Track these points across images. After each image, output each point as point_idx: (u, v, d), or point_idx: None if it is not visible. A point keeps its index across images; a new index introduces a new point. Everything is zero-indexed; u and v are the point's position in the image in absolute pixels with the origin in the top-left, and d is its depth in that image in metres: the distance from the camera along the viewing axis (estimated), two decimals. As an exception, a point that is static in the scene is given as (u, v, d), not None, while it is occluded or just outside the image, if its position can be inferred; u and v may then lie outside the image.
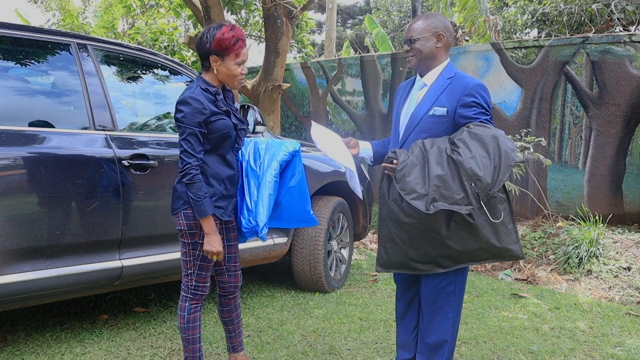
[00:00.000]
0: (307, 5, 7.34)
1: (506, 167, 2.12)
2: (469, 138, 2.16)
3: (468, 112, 2.26)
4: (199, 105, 2.31)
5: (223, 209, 2.47)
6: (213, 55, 2.38)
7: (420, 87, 2.43)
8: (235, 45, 2.35)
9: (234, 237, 2.64)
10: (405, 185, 2.17)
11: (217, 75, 2.42)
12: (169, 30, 8.81)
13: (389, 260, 2.36)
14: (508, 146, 2.15)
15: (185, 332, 2.50)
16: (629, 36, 5.71)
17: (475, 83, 2.30)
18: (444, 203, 2.11)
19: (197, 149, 2.32)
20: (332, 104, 7.95)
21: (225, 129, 2.39)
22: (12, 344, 3.04)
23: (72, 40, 3.06)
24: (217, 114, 2.38)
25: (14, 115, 2.76)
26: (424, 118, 2.33)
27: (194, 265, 2.48)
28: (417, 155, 2.21)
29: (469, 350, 3.20)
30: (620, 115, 5.73)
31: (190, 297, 2.50)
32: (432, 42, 2.34)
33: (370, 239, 6.37)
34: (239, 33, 2.38)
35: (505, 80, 6.33)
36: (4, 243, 2.55)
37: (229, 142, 2.45)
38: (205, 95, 2.37)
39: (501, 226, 2.23)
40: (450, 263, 2.28)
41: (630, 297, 4.35)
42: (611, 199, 5.82)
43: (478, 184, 2.10)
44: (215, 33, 2.36)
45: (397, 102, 2.54)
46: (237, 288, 2.70)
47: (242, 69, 2.42)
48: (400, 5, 18.62)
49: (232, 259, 2.65)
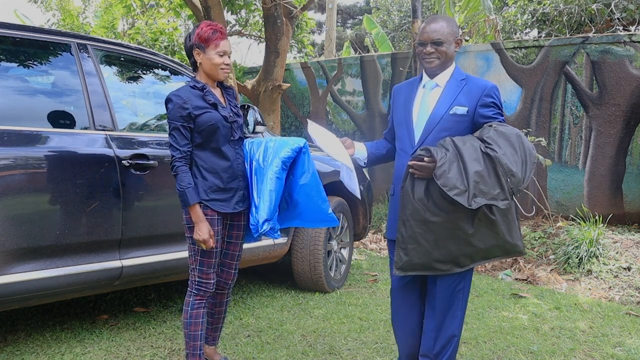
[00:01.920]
0: (307, 5, 7.34)
1: (532, 163, 2.23)
2: (497, 136, 2.23)
3: (488, 112, 2.35)
4: (180, 100, 2.44)
5: (222, 202, 2.51)
6: (195, 49, 2.53)
7: (432, 87, 2.45)
8: (213, 36, 2.50)
9: (235, 235, 2.67)
10: (447, 182, 2.18)
11: (202, 68, 2.54)
12: (169, 30, 8.80)
13: (410, 262, 2.32)
14: (530, 144, 2.26)
15: (188, 328, 2.54)
16: (629, 36, 5.71)
17: (492, 85, 2.41)
18: (483, 198, 2.15)
19: (181, 143, 2.44)
20: (332, 104, 7.95)
21: (210, 121, 2.47)
22: (12, 344, 3.05)
23: (72, 40, 3.06)
24: (202, 107, 2.47)
25: (14, 115, 2.76)
26: (444, 117, 2.37)
27: (196, 261, 2.54)
28: (453, 152, 2.25)
29: (469, 350, 3.20)
30: (620, 115, 5.73)
31: (195, 293, 2.56)
32: (453, 46, 2.41)
33: (370, 239, 6.37)
34: (217, 27, 2.53)
35: (505, 80, 6.33)
36: (4, 243, 2.55)
37: (220, 134, 2.51)
38: (192, 91, 2.49)
39: (512, 222, 2.31)
40: (467, 261, 2.32)
41: (630, 297, 4.35)
42: (611, 199, 5.82)
43: (512, 179, 2.17)
44: (195, 30, 2.54)
45: (401, 103, 2.53)
46: (228, 286, 2.73)
47: (224, 59, 2.52)
48: (400, 5, 18.62)
49: (229, 255, 2.69)
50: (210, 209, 2.48)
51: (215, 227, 2.50)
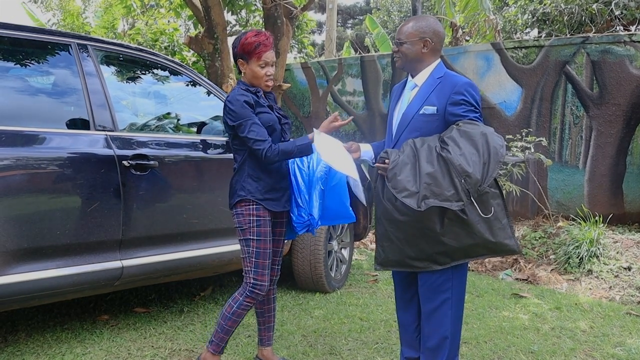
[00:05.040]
0: (308, 6, 7.34)
1: (495, 162, 2.16)
2: (459, 136, 2.20)
3: (457, 109, 2.31)
4: (244, 98, 2.49)
5: (274, 201, 2.58)
6: (239, 59, 2.58)
7: (411, 87, 2.47)
8: (257, 49, 2.52)
9: (279, 232, 2.74)
10: (397, 184, 2.20)
11: (246, 77, 2.59)
12: (170, 30, 8.80)
13: (387, 258, 2.40)
14: (497, 142, 2.18)
15: (226, 321, 2.58)
16: (629, 36, 5.70)
17: (464, 81, 2.35)
18: (435, 200, 2.14)
19: (263, 134, 2.46)
20: (332, 104, 7.95)
21: (270, 122, 2.54)
22: (13, 344, 3.05)
23: (73, 40, 3.06)
24: (261, 106, 2.54)
25: (14, 116, 2.76)
26: (415, 117, 2.38)
27: (250, 263, 2.57)
28: (407, 154, 2.26)
29: (470, 350, 3.20)
30: (620, 115, 5.72)
31: (248, 294, 2.58)
32: (418, 46, 2.39)
33: (371, 239, 6.36)
34: (262, 38, 2.54)
35: (506, 80, 6.33)
36: (4, 243, 2.55)
37: (275, 135, 2.58)
38: (247, 94, 2.53)
39: (495, 221, 2.26)
40: (446, 259, 2.30)
41: (630, 297, 4.35)
42: (611, 199, 5.81)
43: (468, 180, 2.14)
44: (240, 38, 2.56)
45: (391, 103, 2.60)
46: (273, 282, 2.78)
47: (266, 70, 2.56)
48: (401, 5, 18.64)
49: (274, 252, 2.73)
50: (263, 208, 2.54)
51: (267, 228, 2.57)
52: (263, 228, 2.55)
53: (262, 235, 2.55)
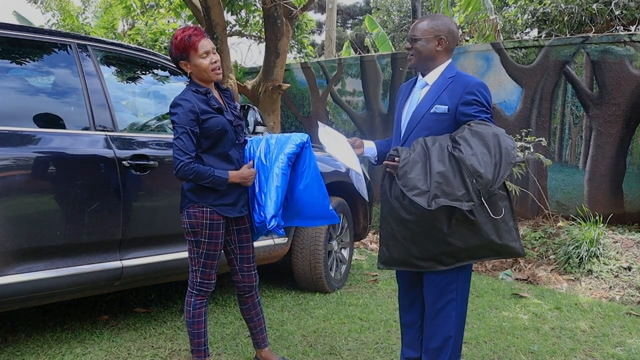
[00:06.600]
0: (307, 6, 7.34)
1: (507, 164, 2.15)
2: (470, 135, 2.19)
3: (469, 109, 2.29)
4: (189, 104, 2.39)
5: (228, 206, 2.51)
6: (180, 61, 2.48)
7: (422, 86, 2.45)
8: (190, 41, 2.43)
9: (246, 239, 2.68)
10: (407, 182, 2.19)
11: (194, 76, 2.50)
12: (169, 30, 8.80)
13: (391, 257, 2.38)
14: (508, 144, 2.18)
15: (191, 327, 2.58)
16: (629, 36, 5.70)
17: (476, 82, 2.34)
18: (446, 199, 2.13)
19: (189, 148, 2.37)
20: (332, 104, 7.95)
21: (218, 126, 2.45)
22: (13, 345, 3.05)
23: (72, 40, 3.06)
24: (208, 112, 2.44)
25: (14, 116, 2.76)
26: (425, 116, 2.36)
27: (198, 263, 2.55)
28: (418, 152, 2.24)
29: (470, 350, 3.20)
30: (620, 115, 5.72)
31: (196, 293, 2.58)
32: (432, 44, 2.37)
33: (371, 239, 6.37)
34: (190, 30, 2.46)
35: (506, 80, 6.33)
36: (4, 243, 2.55)
37: (227, 138, 2.50)
38: (196, 95, 2.45)
39: (502, 223, 2.26)
40: (451, 260, 2.30)
41: (630, 297, 4.35)
42: (611, 199, 5.81)
43: (479, 180, 2.13)
44: (171, 42, 2.48)
45: (398, 102, 2.57)
46: (252, 288, 2.75)
47: (210, 59, 2.46)
48: (400, 5, 18.64)
49: (244, 259, 2.70)
50: (217, 213, 2.48)
51: (220, 231, 2.52)
52: (215, 231, 2.49)
53: (213, 238, 2.50)
